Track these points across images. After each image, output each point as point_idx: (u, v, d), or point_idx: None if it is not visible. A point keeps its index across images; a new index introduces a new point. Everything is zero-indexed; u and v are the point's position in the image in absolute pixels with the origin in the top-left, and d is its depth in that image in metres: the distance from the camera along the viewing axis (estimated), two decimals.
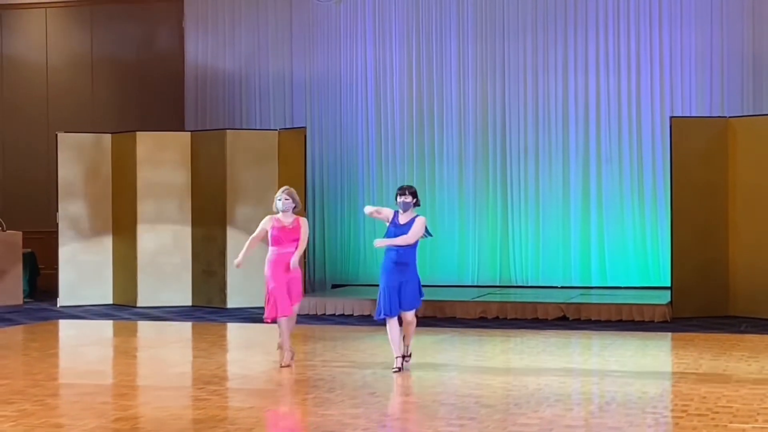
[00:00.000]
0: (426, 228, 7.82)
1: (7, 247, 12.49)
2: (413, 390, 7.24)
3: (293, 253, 7.97)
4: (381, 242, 7.80)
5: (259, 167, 12.67)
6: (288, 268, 7.94)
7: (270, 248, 8.03)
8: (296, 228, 8.02)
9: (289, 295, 8.04)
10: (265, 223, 8.08)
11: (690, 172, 11.12)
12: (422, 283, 8.16)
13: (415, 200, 7.85)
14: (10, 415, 6.49)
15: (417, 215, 7.84)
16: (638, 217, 12.72)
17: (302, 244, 8.01)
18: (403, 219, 7.83)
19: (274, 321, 8.10)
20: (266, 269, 7.99)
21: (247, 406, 6.73)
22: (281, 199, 8.05)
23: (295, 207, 8.08)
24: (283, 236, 8.00)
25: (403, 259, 7.79)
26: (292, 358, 8.15)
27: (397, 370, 7.75)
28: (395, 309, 7.78)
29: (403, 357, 7.88)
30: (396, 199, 7.87)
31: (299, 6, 14.02)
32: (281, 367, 8.05)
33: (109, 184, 13.12)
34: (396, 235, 7.74)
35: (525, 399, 6.86)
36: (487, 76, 13.28)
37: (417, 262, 7.96)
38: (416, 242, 7.82)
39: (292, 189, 8.18)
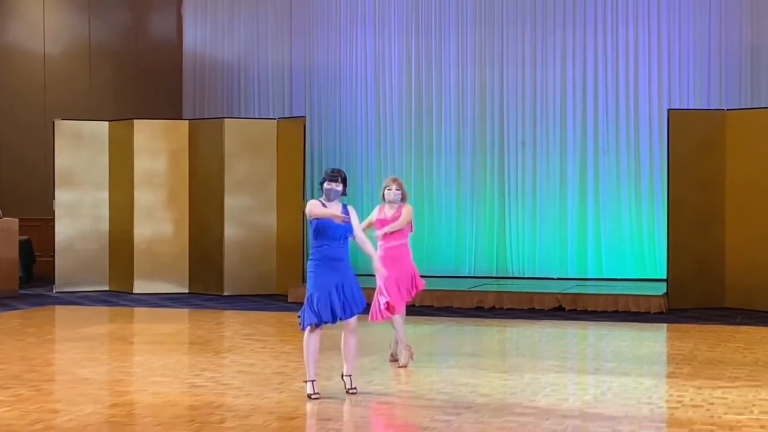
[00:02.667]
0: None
1: (3, 234, 12.46)
2: (410, 379, 7.25)
3: (399, 246, 7.53)
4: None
5: (258, 156, 12.66)
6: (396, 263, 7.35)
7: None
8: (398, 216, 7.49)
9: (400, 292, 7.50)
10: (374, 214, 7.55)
11: (687, 165, 11.12)
12: (421, 274, 7.95)
13: (344, 188, 6.67)
14: (5, 400, 6.50)
15: (345, 205, 6.74)
16: (635, 209, 12.73)
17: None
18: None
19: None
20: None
21: (243, 393, 6.74)
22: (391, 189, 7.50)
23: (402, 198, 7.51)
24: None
25: (338, 254, 6.58)
26: (411, 358, 7.64)
27: (315, 395, 6.52)
28: (327, 315, 6.50)
29: (349, 376, 6.73)
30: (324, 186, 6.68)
31: None
32: (399, 367, 7.59)
33: (107, 171, 13.11)
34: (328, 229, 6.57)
35: (521, 389, 6.88)
36: (486, 67, 13.27)
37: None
38: (347, 237, 6.67)
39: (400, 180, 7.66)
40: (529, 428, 5.79)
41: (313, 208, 6.62)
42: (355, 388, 6.69)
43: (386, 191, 7.69)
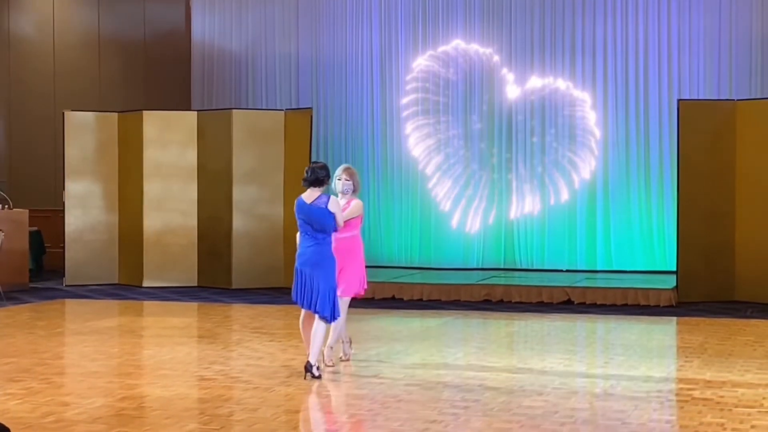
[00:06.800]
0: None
1: (13, 225, 12.47)
2: (417, 372, 7.25)
3: (350, 238, 7.35)
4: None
5: (265, 147, 12.66)
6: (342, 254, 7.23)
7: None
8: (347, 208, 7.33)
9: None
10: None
11: (697, 156, 11.07)
12: (430, 266, 7.96)
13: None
14: (16, 393, 6.53)
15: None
16: (644, 201, 12.67)
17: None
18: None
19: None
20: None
21: (252, 386, 6.75)
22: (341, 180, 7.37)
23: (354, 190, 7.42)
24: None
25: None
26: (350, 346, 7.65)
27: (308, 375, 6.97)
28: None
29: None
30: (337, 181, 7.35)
31: None
32: (342, 360, 7.57)
33: (116, 162, 13.13)
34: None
35: (529, 382, 6.87)
36: (493, 57, 13.21)
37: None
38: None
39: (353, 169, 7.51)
40: (538, 421, 5.78)
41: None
42: (318, 376, 6.91)
43: (336, 182, 7.42)
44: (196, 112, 13.20)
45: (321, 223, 6.94)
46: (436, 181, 13.42)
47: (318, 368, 6.95)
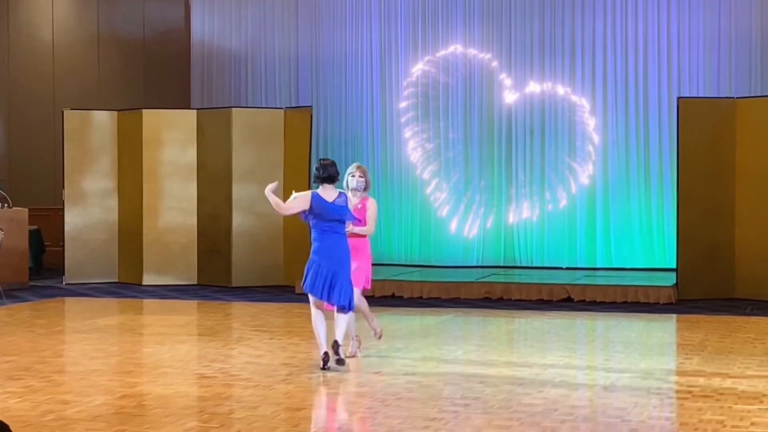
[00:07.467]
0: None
1: (13, 224, 12.48)
2: (418, 370, 7.25)
3: (357, 235, 7.38)
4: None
5: (265, 145, 12.66)
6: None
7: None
8: (363, 209, 7.43)
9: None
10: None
11: (697, 153, 11.07)
12: (428, 264, 7.99)
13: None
14: (16, 391, 6.53)
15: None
16: (644, 198, 12.68)
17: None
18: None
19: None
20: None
21: (252, 384, 6.75)
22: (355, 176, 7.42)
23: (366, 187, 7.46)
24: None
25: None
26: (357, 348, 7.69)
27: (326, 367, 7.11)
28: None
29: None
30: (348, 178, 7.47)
31: None
32: (347, 356, 7.52)
33: (116, 161, 13.13)
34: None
35: (529, 379, 6.87)
36: (493, 56, 13.20)
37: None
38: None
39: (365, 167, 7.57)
40: (538, 419, 5.78)
41: None
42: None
43: (350, 178, 7.47)
44: (195, 111, 13.20)
45: (343, 220, 7.13)
46: (435, 186, 13.40)
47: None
